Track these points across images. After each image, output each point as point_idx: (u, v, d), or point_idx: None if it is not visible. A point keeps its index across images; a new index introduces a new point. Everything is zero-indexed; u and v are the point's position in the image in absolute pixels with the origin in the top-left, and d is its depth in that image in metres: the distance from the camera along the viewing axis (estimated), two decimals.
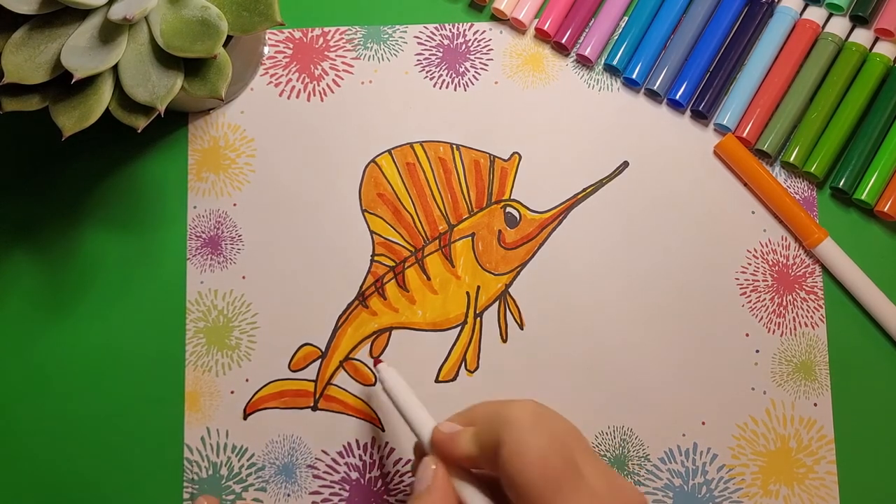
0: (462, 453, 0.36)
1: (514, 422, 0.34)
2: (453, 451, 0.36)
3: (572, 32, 0.48)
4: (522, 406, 0.35)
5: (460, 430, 0.36)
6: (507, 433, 0.33)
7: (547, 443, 0.33)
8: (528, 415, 0.34)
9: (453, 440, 0.36)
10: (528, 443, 0.33)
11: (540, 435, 0.33)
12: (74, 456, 0.46)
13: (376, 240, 0.47)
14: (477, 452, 0.35)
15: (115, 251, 0.47)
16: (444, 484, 0.36)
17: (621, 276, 0.46)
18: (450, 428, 0.37)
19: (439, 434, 0.37)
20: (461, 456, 0.36)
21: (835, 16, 0.47)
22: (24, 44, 0.39)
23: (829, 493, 0.44)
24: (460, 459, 0.36)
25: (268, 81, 0.48)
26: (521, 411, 0.34)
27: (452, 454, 0.36)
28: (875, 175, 0.45)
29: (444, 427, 0.37)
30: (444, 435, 0.37)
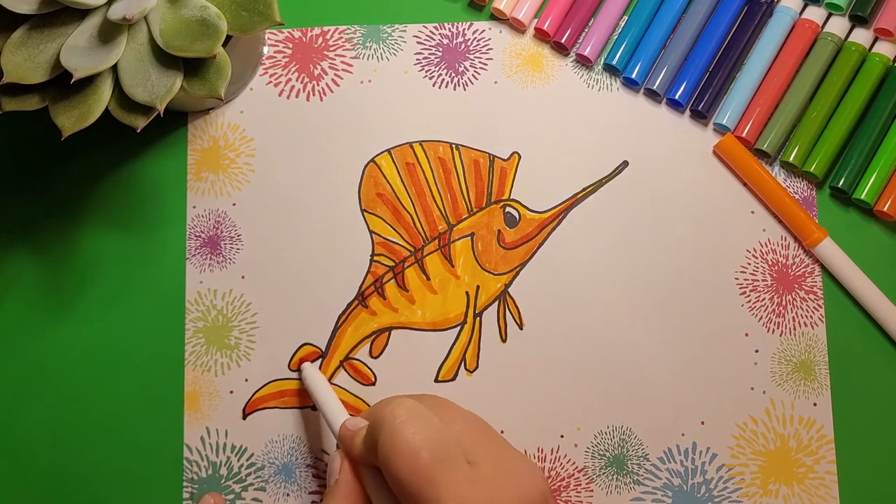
0: (356, 452, 0.37)
1: (386, 421, 0.35)
2: (352, 449, 0.37)
3: (572, 32, 0.48)
4: (396, 403, 0.35)
5: (363, 426, 0.37)
6: (380, 434, 0.34)
7: (417, 437, 0.34)
8: (400, 412, 0.35)
9: (352, 438, 0.37)
10: (398, 439, 0.34)
11: (409, 430, 0.34)
12: (74, 455, 0.46)
13: (376, 239, 0.47)
14: (365, 451, 0.36)
15: (115, 251, 0.47)
16: (349, 478, 0.37)
17: (621, 276, 0.46)
18: (354, 424, 0.38)
19: (344, 430, 0.38)
20: (357, 455, 0.37)
21: (834, 15, 0.47)
22: (24, 43, 0.39)
23: (829, 493, 0.44)
24: (358, 458, 0.37)
25: (267, 81, 0.48)
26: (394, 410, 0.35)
27: (351, 452, 0.37)
28: (875, 175, 0.45)
29: (349, 423, 0.38)
30: (347, 432, 0.38)
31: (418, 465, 0.33)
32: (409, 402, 0.36)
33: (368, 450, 0.36)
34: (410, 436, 0.34)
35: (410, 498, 0.33)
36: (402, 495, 0.34)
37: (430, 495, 0.33)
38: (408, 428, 0.34)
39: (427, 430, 0.34)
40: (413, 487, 0.33)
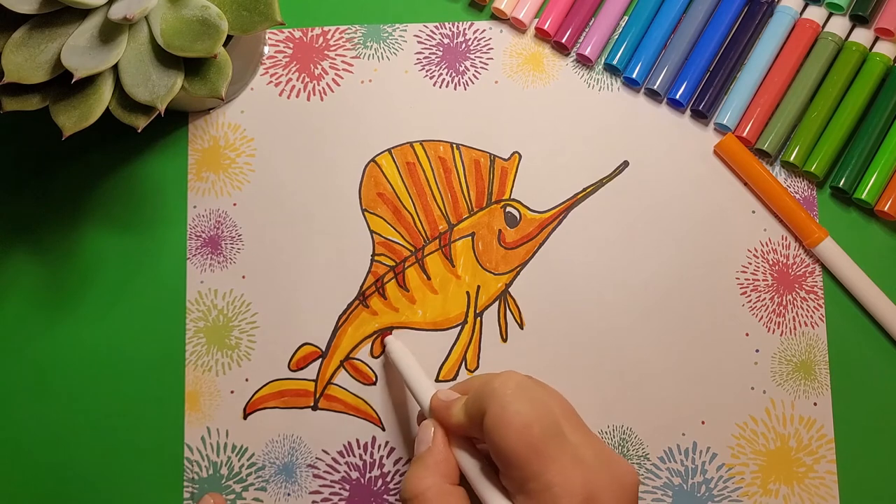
0: (454, 421, 0.37)
1: (497, 391, 0.35)
2: (448, 418, 0.37)
3: (572, 32, 0.48)
4: (507, 376, 0.36)
5: (456, 398, 0.38)
6: (490, 402, 0.35)
7: (528, 411, 0.34)
8: (511, 385, 0.35)
9: (448, 408, 0.37)
10: (509, 411, 0.34)
11: (521, 403, 0.34)
12: (74, 455, 0.46)
13: (376, 239, 0.47)
14: (466, 422, 0.36)
15: (115, 251, 0.47)
16: (443, 445, 0.37)
17: (621, 276, 0.46)
18: (447, 395, 0.38)
19: (436, 401, 0.38)
20: (454, 424, 0.37)
21: (835, 15, 0.47)
22: (25, 43, 0.39)
23: (829, 493, 0.44)
24: (454, 427, 0.37)
25: (268, 81, 0.48)
26: (505, 381, 0.35)
27: (447, 422, 0.37)
28: (875, 174, 0.45)
29: (441, 394, 0.39)
30: (441, 402, 0.38)
31: (530, 438, 0.33)
32: (519, 376, 0.36)
33: (470, 420, 0.36)
34: (522, 408, 0.34)
35: (516, 469, 0.34)
36: (506, 466, 0.34)
37: (536, 468, 0.33)
38: (519, 400, 0.34)
39: (538, 405, 0.35)
40: (521, 459, 0.33)
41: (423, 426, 0.38)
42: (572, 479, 0.33)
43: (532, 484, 0.33)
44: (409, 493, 0.36)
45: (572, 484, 0.33)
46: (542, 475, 0.33)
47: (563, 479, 0.33)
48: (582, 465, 0.34)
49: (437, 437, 0.37)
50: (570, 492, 0.33)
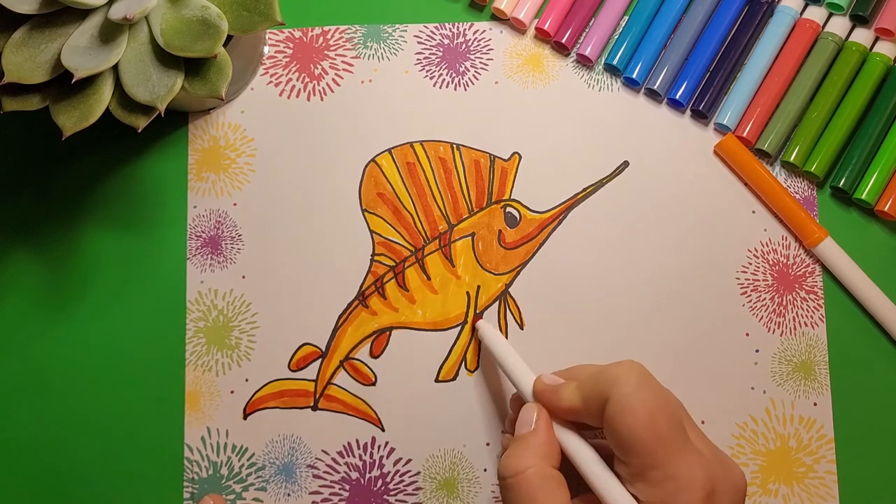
0: (566, 405, 0.37)
1: (622, 379, 0.35)
2: (557, 402, 0.37)
3: (572, 32, 0.48)
4: (630, 365, 0.36)
5: (563, 382, 0.37)
6: (614, 389, 0.34)
7: (654, 401, 0.34)
8: (636, 374, 0.35)
9: (556, 392, 0.37)
10: (635, 399, 0.34)
11: (647, 393, 0.34)
12: (74, 455, 0.46)
13: (376, 239, 0.47)
14: (580, 406, 0.36)
15: (115, 251, 0.47)
16: (548, 426, 0.37)
17: (621, 276, 0.46)
18: (552, 380, 0.38)
19: (542, 385, 0.38)
20: (564, 407, 0.37)
21: (835, 15, 0.47)
22: (25, 43, 0.39)
23: (829, 493, 0.44)
24: (562, 411, 0.37)
25: (268, 81, 0.48)
26: (629, 370, 0.35)
27: (556, 405, 0.37)
28: (875, 174, 0.45)
29: (546, 378, 0.38)
30: (547, 386, 0.38)
31: (656, 427, 0.34)
32: (641, 366, 0.36)
33: (586, 404, 0.36)
34: (649, 397, 0.34)
35: (638, 456, 0.34)
36: (628, 453, 0.34)
37: (662, 457, 0.33)
38: (645, 389, 0.34)
39: (662, 397, 0.35)
40: (646, 447, 0.33)
41: (527, 408, 0.38)
42: (696, 473, 0.33)
43: (654, 473, 0.33)
44: (510, 470, 0.35)
45: (696, 477, 0.33)
46: (667, 465, 0.33)
47: (688, 472, 0.33)
48: (703, 459, 0.34)
49: (542, 420, 0.37)
50: (694, 485, 0.33)
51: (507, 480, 0.36)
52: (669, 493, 0.33)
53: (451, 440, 0.45)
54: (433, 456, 0.45)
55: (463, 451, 0.45)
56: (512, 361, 0.41)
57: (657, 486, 0.33)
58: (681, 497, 0.33)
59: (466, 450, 0.45)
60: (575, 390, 0.37)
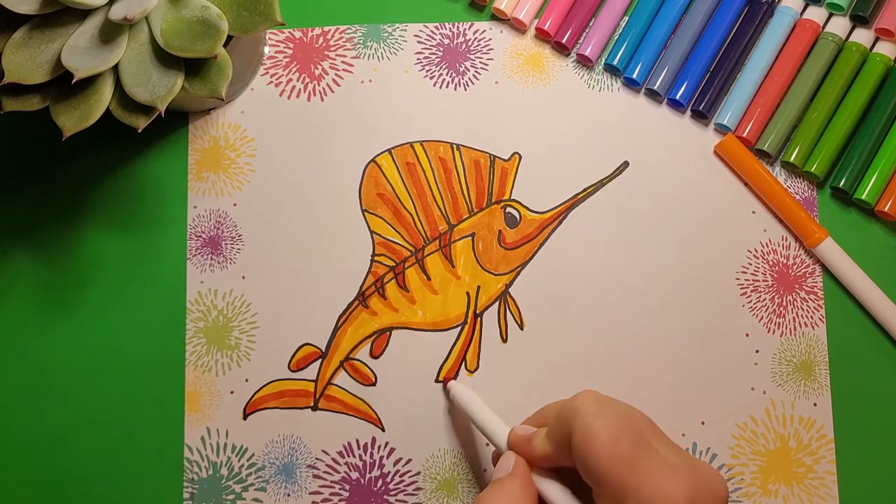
0: (538, 453, 0.36)
1: (579, 410, 0.34)
2: (531, 451, 0.37)
3: (573, 32, 0.48)
4: (585, 395, 0.35)
5: (534, 431, 0.37)
6: (574, 423, 0.34)
7: (613, 424, 0.34)
8: (591, 401, 0.35)
9: (529, 441, 0.37)
10: (595, 427, 0.34)
11: (605, 418, 0.34)
12: (74, 456, 0.46)
13: (376, 240, 0.47)
14: (551, 449, 0.36)
15: (116, 251, 0.47)
16: (525, 471, 0.37)
17: (621, 276, 0.46)
18: (524, 430, 0.38)
19: (515, 436, 0.38)
20: (538, 455, 0.37)
21: (835, 15, 0.47)
22: (25, 44, 0.39)
23: (829, 493, 0.44)
24: (538, 459, 0.37)
25: (268, 81, 0.48)
26: (584, 400, 0.35)
27: (531, 454, 0.37)
28: (875, 175, 0.45)
29: (519, 430, 0.38)
30: (520, 437, 0.38)
31: (620, 451, 0.33)
32: (596, 393, 0.36)
33: (557, 445, 0.36)
34: (608, 422, 0.34)
35: (610, 486, 0.33)
36: (600, 484, 0.33)
37: (632, 481, 0.33)
38: (603, 415, 0.34)
39: (622, 418, 0.34)
40: (613, 474, 0.33)
41: (504, 457, 0.38)
42: (670, 490, 0.32)
43: (630, 499, 0.33)
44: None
45: (671, 495, 0.32)
46: (640, 488, 0.32)
47: (661, 490, 0.32)
48: (676, 473, 0.33)
49: (519, 466, 0.37)
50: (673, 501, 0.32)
51: None
52: None
53: (451, 440, 0.45)
54: (433, 456, 0.45)
55: (463, 451, 0.45)
56: (486, 418, 0.41)
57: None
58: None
59: (466, 450, 0.45)
60: (545, 437, 0.36)
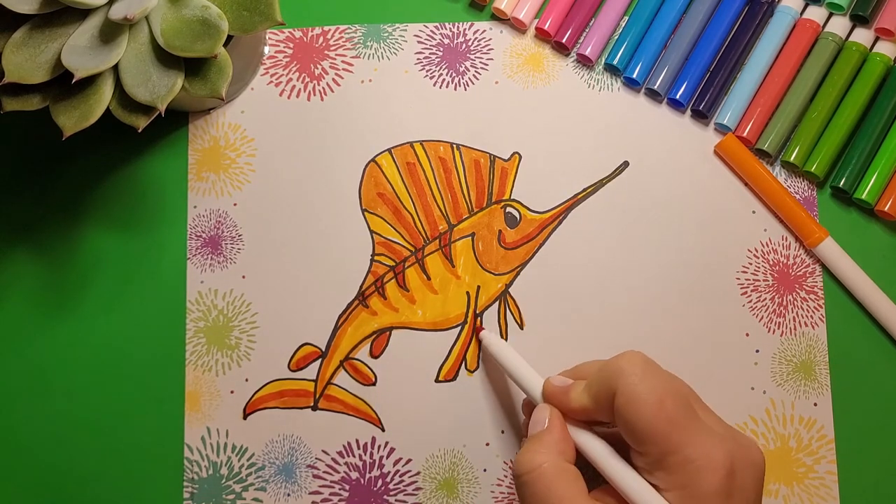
0: (576, 405, 0.37)
1: (626, 370, 0.35)
2: (568, 403, 0.37)
3: (573, 32, 0.48)
4: (632, 355, 0.36)
5: (571, 382, 0.38)
6: (620, 381, 0.34)
7: (661, 386, 0.34)
8: (640, 363, 0.35)
9: (566, 393, 0.37)
10: (642, 388, 0.34)
11: (653, 380, 0.34)
12: (74, 455, 0.46)
13: (376, 239, 0.47)
14: (591, 404, 0.36)
15: (116, 251, 0.47)
16: (561, 423, 0.37)
17: (621, 276, 0.46)
18: (560, 382, 0.38)
19: (551, 387, 0.38)
20: (575, 407, 0.37)
21: (835, 15, 0.47)
22: (25, 43, 0.39)
23: (829, 493, 0.44)
24: (573, 411, 0.37)
25: (268, 81, 0.48)
26: (632, 360, 0.35)
27: (567, 406, 0.37)
28: (875, 174, 0.45)
29: (555, 381, 0.38)
30: (556, 388, 0.38)
31: (666, 412, 0.33)
32: (641, 354, 0.36)
33: (596, 402, 0.36)
34: (655, 383, 0.34)
35: (653, 444, 0.33)
36: (642, 442, 0.34)
37: (676, 441, 0.33)
38: (650, 376, 0.35)
39: (668, 381, 0.35)
40: (659, 434, 0.33)
41: (539, 408, 0.38)
42: (713, 453, 0.33)
43: (672, 458, 0.33)
44: (524, 467, 0.35)
45: (714, 457, 0.33)
46: (683, 448, 0.33)
47: (704, 452, 0.33)
48: (719, 438, 0.34)
49: (554, 418, 0.37)
50: (713, 465, 0.33)
51: (523, 478, 0.35)
52: (690, 476, 0.33)
53: (451, 440, 0.45)
54: (433, 456, 0.45)
55: (463, 451, 0.45)
56: (519, 367, 0.41)
57: (676, 472, 0.33)
58: (702, 479, 0.33)
59: (466, 450, 0.45)
60: (583, 390, 0.37)
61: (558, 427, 0.37)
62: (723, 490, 0.33)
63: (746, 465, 0.34)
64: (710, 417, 0.35)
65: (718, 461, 0.33)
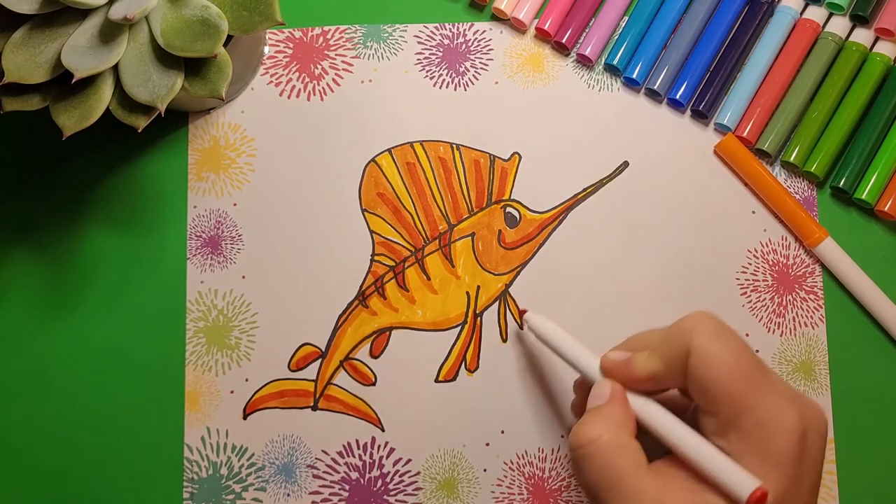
0: (642, 374, 0.35)
1: (699, 329, 0.34)
2: (632, 373, 0.36)
3: (573, 32, 0.48)
4: (701, 315, 0.35)
5: (631, 354, 0.36)
6: (695, 340, 0.33)
7: (734, 343, 0.33)
8: (712, 322, 0.34)
9: (629, 363, 0.36)
10: (717, 345, 0.33)
11: (726, 337, 0.34)
12: (74, 455, 0.46)
13: (376, 239, 0.47)
14: (660, 367, 0.35)
15: (116, 251, 0.47)
16: (623, 397, 0.36)
17: (621, 276, 0.46)
18: (619, 355, 0.37)
19: (609, 361, 0.37)
20: (641, 377, 0.36)
21: (835, 15, 0.47)
22: (25, 43, 0.39)
23: (829, 493, 0.44)
24: (637, 381, 0.36)
25: (268, 81, 0.48)
26: (703, 319, 0.34)
27: (631, 376, 0.36)
28: (875, 174, 0.45)
29: (612, 355, 0.37)
30: (617, 361, 0.37)
31: (741, 369, 0.33)
32: (710, 313, 0.35)
33: (667, 364, 0.35)
34: (730, 342, 0.33)
35: (727, 404, 0.33)
36: (715, 402, 0.33)
37: (751, 400, 0.32)
38: (724, 335, 0.34)
39: (741, 340, 0.34)
40: (735, 393, 0.32)
41: (599, 384, 0.37)
42: (788, 414, 0.32)
43: (746, 419, 0.32)
44: (582, 439, 0.34)
45: (788, 419, 0.32)
46: (757, 408, 0.32)
47: (779, 414, 0.32)
48: (792, 399, 0.33)
49: (617, 391, 0.36)
50: (788, 426, 0.32)
51: (580, 450, 0.34)
52: (766, 437, 0.32)
53: (451, 440, 0.45)
54: (433, 456, 0.45)
55: (463, 451, 0.45)
56: (572, 345, 0.40)
57: (750, 433, 0.32)
58: (777, 440, 0.32)
59: (466, 450, 0.45)
60: (651, 356, 0.35)
61: (620, 400, 0.36)
62: (796, 452, 0.32)
63: (815, 428, 0.33)
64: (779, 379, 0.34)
65: (792, 422, 0.32)
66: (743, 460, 0.32)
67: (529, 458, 0.45)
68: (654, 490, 0.32)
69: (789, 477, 0.32)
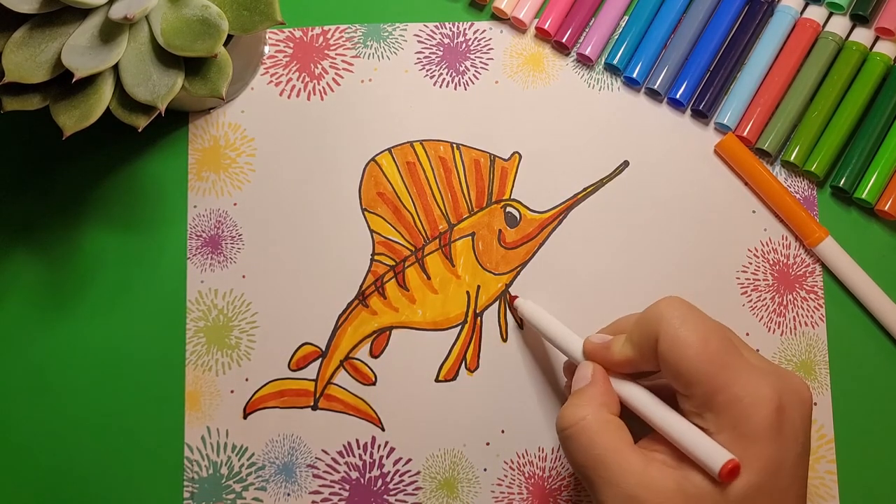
0: (619, 357, 0.37)
1: (666, 314, 0.35)
2: (610, 356, 0.37)
3: (573, 32, 0.48)
4: (670, 300, 0.35)
5: (612, 338, 0.38)
6: (662, 326, 0.34)
7: (702, 326, 0.34)
8: (679, 306, 0.35)
9: (608, 347, 0.37)
10: (684, 329, 0.34)
11: (693, 321, 0.34)
12: (74, 455, 0.46)
13: (376, 239, 0.47)
14: (633, 353, 0.36)
15: (116, 251, 0.47)
16: (605, 378, 0.37)
17: (621, 276, 0.46)
18: (600, 338, 0.38)
19: (591, 344, 0.38)
20: (618, 360, 0.37)
21: (835, 15, 0.47)
22: (25, 43, 0.39)
23: (829, 493, 0.44)
24: (616, 364, 0.37)
25: (268, 81, 0.48)
26: (671, 305, 0.35)
27: (609, 359, 0.37)
28: (875, 174, 0.45)
29: (594, 338, 0.38)
30: (597, 345, 0.38)
31: (709, 351, 0.33)
32: (679, 298, 0.36)
33: (640, 349, 0.36)
34: (697, 324, 0.34)
35: (699, 385, 0.33)
36: (689, 384, 0.34)
37: (723, 380, 0.33)
38: (692, 318, 0.34)
39: (709, 322, 0.35)
40: (705, 373, 0.33)
41: (582, 366, 0.38)
42: (761, 389, 0.33)
43: (719, 397, 0.33)
44: (567, 420, 0.35)
45: (762, 393, 0.33)
46: (730, 386, 0.33)
47: (753, 390, 0.33)
48: (765, 374, 0.33)
49: (598, 372, 0.37)
50: (762, 401, 0.33)
51: (566, 431, 0.35)
52: (738, 414, 0.33)
53: (451, 440, 0.45)
54: (433, 456, 0.45)
55: (463, 451, 0.45)
56: (558, 329, 0.41)
57: (725, 412, 0.33)
58: (751, 416, 0.32)
59: (466, 450, 0.45)
60: (626, 341, 0.37)
61: (601, 381, 0.37)
62: (773, 426, 0.32)
63: (794, 401, 0.34)
64: (754, 356, 0.35)
65: (766, 397, 0.33)
66: (720, 437, 0.33)
67: (529, 458, 0.45)
68: (638, 466, 0.34)
69: (770, 450, 0.32)
